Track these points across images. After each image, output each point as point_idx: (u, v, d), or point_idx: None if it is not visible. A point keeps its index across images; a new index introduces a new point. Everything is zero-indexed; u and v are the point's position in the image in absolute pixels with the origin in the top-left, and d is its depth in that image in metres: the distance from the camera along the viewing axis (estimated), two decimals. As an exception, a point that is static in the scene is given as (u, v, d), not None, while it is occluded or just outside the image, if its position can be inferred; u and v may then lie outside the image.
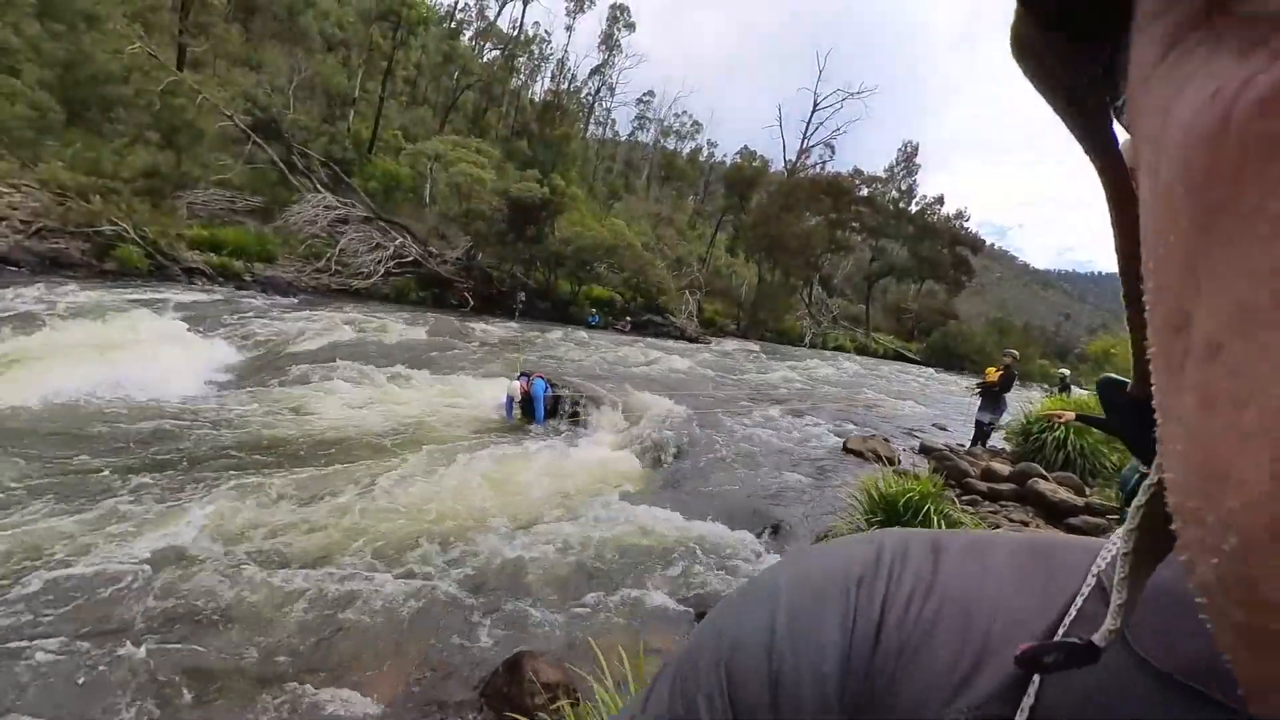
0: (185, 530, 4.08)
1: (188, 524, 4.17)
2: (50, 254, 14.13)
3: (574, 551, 4.59)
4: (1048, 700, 0.28)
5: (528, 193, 22.65)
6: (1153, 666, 0.26)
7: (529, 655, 3.25)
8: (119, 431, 5.69)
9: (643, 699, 0.39)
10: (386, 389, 8.85)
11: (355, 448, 6.18)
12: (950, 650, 0.31)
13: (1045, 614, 0.31)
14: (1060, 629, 0.30)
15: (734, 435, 8.73)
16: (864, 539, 0.39)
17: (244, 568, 3.75)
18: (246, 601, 3.46)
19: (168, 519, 4.21)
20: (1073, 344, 61.14)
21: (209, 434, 5.98)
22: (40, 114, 16.04)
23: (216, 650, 3.06)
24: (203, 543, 3.98)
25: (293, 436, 6.24)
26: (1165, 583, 0.26)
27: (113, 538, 3.89)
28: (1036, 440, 8.77)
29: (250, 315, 12.34)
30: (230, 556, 3.87)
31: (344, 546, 4.19)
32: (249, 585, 3.58)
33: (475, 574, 4.13)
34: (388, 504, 4.95)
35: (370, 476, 5.44)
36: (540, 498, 5.53)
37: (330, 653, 3.20)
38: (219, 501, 4.55)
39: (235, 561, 3.82)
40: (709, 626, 0.39)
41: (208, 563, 3.75)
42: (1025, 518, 6.48)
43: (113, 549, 3.75)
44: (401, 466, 5.76)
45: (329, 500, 4.87)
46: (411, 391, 9.01)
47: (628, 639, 3.61)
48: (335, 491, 5.05)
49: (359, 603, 3.60)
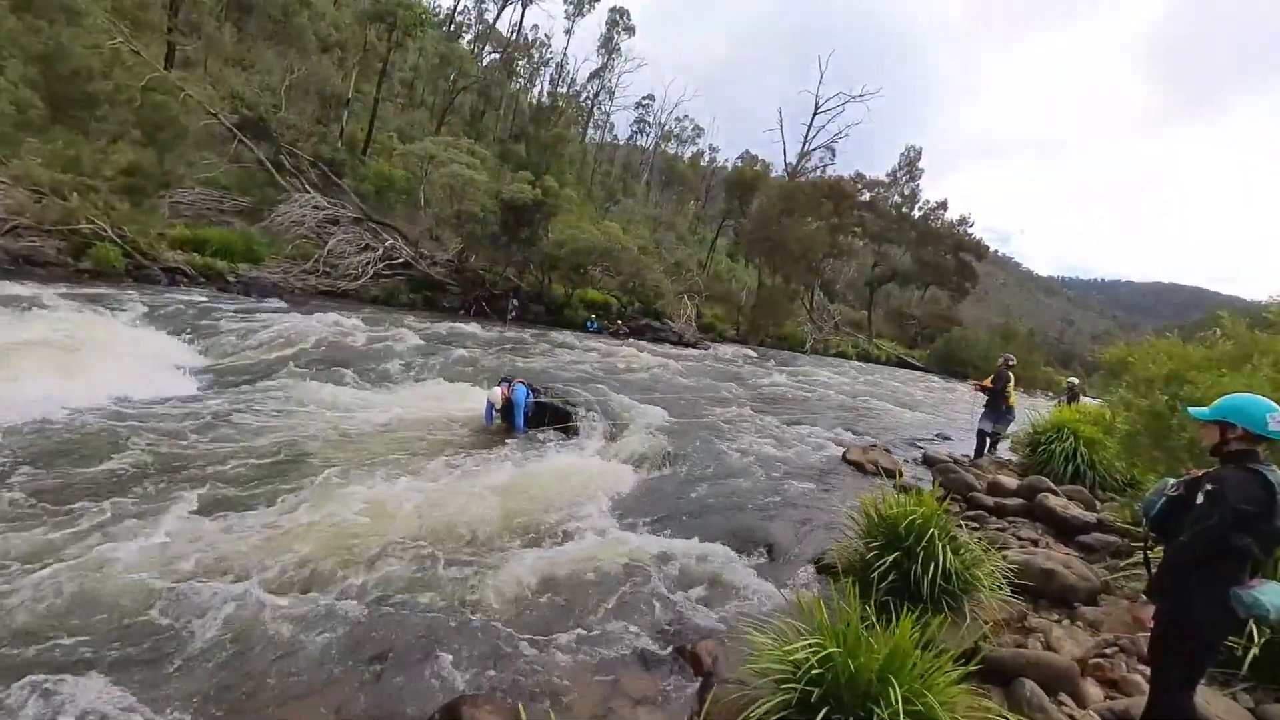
0: (119, 547, 3.63)
1: (121, 540, 3.71)
2: (24, 252, 13.71)
3: (541, 575, 4.09)
4: None
5: (520, 194, 22.25)
6: None
7: (470, 700, 2.78)
8: (69, 441, 5.22)
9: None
10: (363, 394, 8.44)
11: (314, 456, 5.69)
12: None
13: None
14: None
15: (729, 445, 8.26)
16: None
17: (163, 586, 3.28)
18: (152, 627, 2.99)
19: (107, 534, 3.75)
20: (1077, 351, 60.66)
21: (159, 443, 5.49)
22: (20, 110, 15.64)
23: (115, 680, 2.57)
24: (130, 557, 3.51)
25: (248, 446, 5.76)
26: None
27: (57, 553, 3.45)
28: (1044, 452, 8.35)
29: (229, 317, 11.89)
30: (158, 573, 3.41)
31: (268, 565, 3.69)
32: (161, 608, 3.11)
33: (425, 601, 3.63)
34: (335, 517, 4.42)
35: (324, 487, 4.95)
36: (509, 512, 5.03)
37: (240, 687, 2.73)
38: (156, 514, 4.08)
39: (160, 579, 3.35)
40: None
41: (125, 576, 3.27)
42: (1034, 535, 6.05)
43: (54, 564, 3.31)
44: (361, 477, 5.26)
45: (258, 513, 4.39)
46: (389, 396, 8.59)
47: (597, 681, 3.14)
48: (270, 505, 4.56)
49: (277, 630, 3.11)
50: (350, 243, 20.48)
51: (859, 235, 45.00)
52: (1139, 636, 3.52)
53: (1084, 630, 3.97)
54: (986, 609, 3.82)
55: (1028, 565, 4.51)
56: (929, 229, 46.14)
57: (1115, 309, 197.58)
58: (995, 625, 3.77)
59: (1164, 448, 5.76)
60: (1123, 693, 3.21)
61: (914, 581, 3.68)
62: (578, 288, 25.70)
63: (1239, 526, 2.30)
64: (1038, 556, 4.80)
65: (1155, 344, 7.00)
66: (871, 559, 3.90)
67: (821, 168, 49.38)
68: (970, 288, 47.68)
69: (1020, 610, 4.09)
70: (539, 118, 40.40)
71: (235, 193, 20.99)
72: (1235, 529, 2.30)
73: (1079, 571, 4.61)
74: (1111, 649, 3.60)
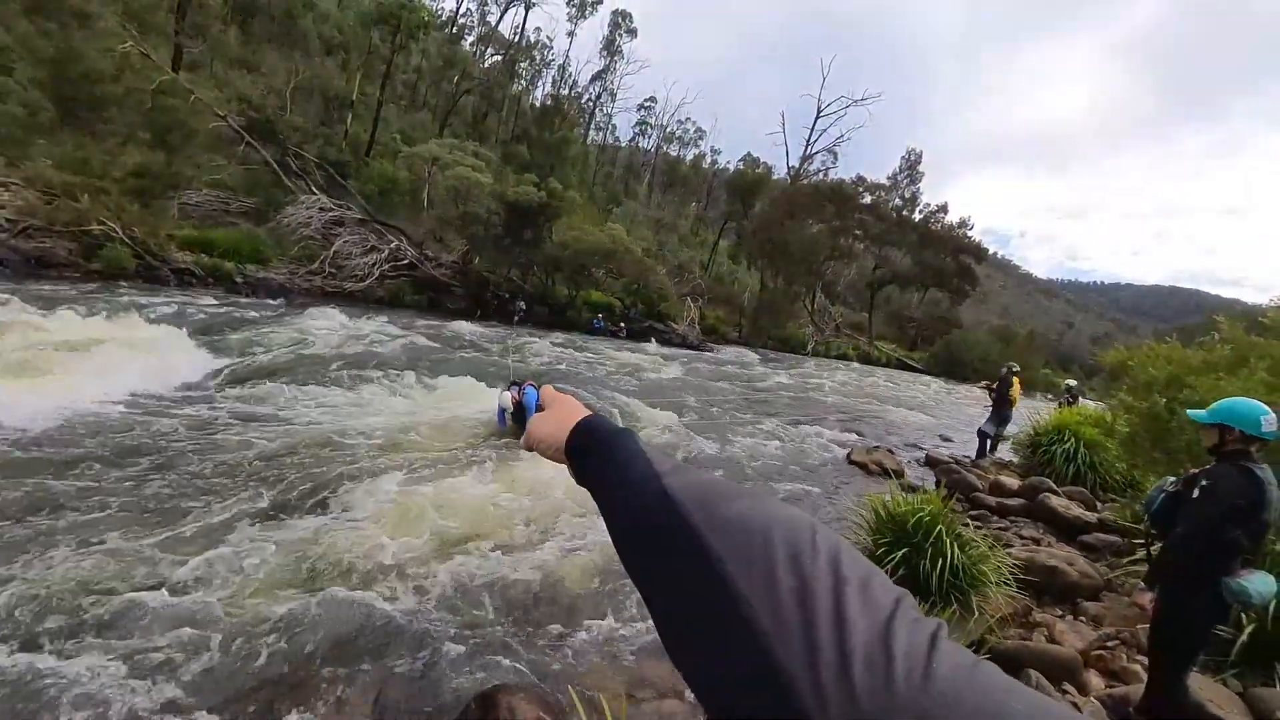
0: (136, 548, 3.74)
1: (137, 541, 3.83)
2: (36, 253, 13.84)
3: (559, 574, 4.23)
4: None
5: (524, 196, 22.38)
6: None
7: (505, 689, 2.91)
8: (84, 443, 5.35)
9: None
10: (371, 396, 8.53)
11: (330, 459, 5.82)
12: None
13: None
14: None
15: (733, 446, 8.39)
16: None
17: (187, 589, 3.41)
18: (186, 627, 3.11)
19: (119, 536, 3.87)
20: (1076, 353, 60.83)
21: (171, 444, 5.63)
22: (31, 112, 15.79)
23: (154, 681, 2.71)
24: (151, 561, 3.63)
25: (262, 447, 5.89)
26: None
27: (81, 559, 3.55)
28: (1045, 453, 8.49)
29: (239, 318, 12.03)
30: (179, 578, 3.53)
31: (301, 567, 3.84)
32: (188, 610, 3.24)
33: (448, 598, 3.77)
34: (356, 519, 4.59)
35: (343, 489, 5.09)
36: (524, 514, 5.17)
37: (281, 684, 2.85)
38: (172, 519, 4.21)
39: (181, 582, 3.48)
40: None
41: (152, 582, 3.41)
42: (1036, 534, 6.18)
43: (83, 571, 3.42)
44: (377, 478, 5.40)
45: (292, 517, 4.52)
46: (397, 399, 8.69)
47: (616, 673, 3.28)
48: (301, 507, 4.70)
49: (315, 628, 3.25)
50: (356, 244, 20.59)
51: (860, 238, 45.10)
52: (1139, 630, 3.66)
53: (1086, 624, 4.10)
54: (993, 604, 3.96)
55: (1031, 562, 4.65)
56: (929, 232, 46.23)
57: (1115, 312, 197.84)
58: (1001, 619, 3.91)
59: (1164, 449, 5.89)
60: (1123, 682, 3.34)
61: (922, 576, 3.82)
62: (581, 289, 25.84)
63: (1230, 519, 2.51)
64: (1041, 554, 4.94)
65: (1155, 348, 7.12)
66: (880, 554, 4.04)
67: (824, 171, 49.67)
68: (970, 290, 47.73)
69: (1025, 605, 4.22)
70: (543, 119, 40.55)
71: (242, 194, 21.12)
72: (1227, 522, 2.51)
73: (1081, 569, 4.74)
74: (1113, 642, 3.74)
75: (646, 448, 0.57)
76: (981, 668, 0.34)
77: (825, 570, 0.39)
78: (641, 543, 0.49)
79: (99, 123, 17.08)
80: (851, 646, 0.34)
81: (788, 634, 0.36)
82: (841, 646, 0.34)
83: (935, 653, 0.34)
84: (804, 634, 0.36)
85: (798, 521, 0.44)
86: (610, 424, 0.65)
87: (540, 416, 0.73)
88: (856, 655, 0.34)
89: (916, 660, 0.34)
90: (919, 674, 0.33)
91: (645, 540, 0.48)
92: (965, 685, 0.33)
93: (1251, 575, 2.53)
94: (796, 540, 0.41)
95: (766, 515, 0.44)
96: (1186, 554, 2.62)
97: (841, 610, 0.36)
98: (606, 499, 0.56)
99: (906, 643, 0.35)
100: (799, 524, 0.43)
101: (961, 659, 0.35)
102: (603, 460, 0.59)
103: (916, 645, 0.35)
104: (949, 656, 0.34)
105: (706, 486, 0.49)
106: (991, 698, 0.32)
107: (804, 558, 0.40)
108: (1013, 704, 0.32)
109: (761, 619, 0.37)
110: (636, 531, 0.50)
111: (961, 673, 0.33)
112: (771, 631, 0.36)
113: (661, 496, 0.48)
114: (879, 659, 0.34)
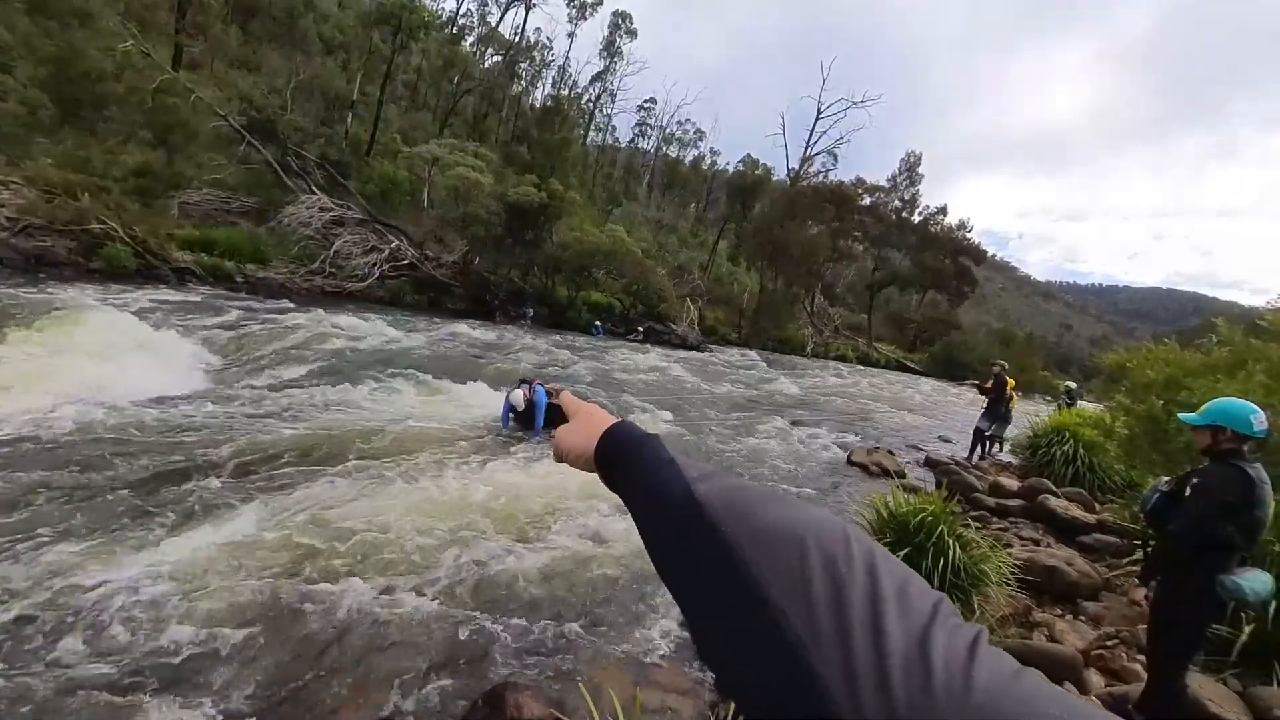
0: (141, 547, 3.76)
1: (141, 539, 3.85)
2: (36, 252, 13.83)
3: (564, 572, 4.26)
4: None
5: (525, 197, 22.40)
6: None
7: (512, 686, 2.93)
8: (83, 444, 5.37)
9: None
10: (373, 395, 8.55)
11: (330, 458, 5.84)
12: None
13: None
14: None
15: (734, 446, 8.43)
16: None
17: (187, 588, 3.43)
18: (188, 625, 3.14)
19: (124, 539, 3.89)
20: (1074, 355, 60.95)
21: (174, 445, 5.65)
22: (31, 111, 15.79)
23: (160, 679, 2.73)
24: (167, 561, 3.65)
25: (262, 446, 5.91)
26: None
27: (84, 560, 3.57)
28: (1045, 454, 8.53)
29: (240, 317, 12.03)
30: (192, 575, 3.55)
31: (308, 563, 3.86)
32: (189, 609, 3.26)
33: (454, 595, 3.79)
34: (361, 516, 4.61)
35: (347, 487, 5.11)
36: (530, 512, 5.19)
37: (288, 680, 2.87)
38: (181, 517, 4.23)
39: (192, 580, 3.50)
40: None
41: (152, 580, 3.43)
42: (1036, 535, 6.22)
43: (89, 571, 3.44)
44: (380, 477, 5.43)
45: (298, 512, 4.54)
46: (399, 398, 8.71)
47: (623, 670, 3.30)
48: (305, 504, 4.72)
49: (320, 626, 3.27)
50: (356, 244, 20.58)
51: (859, 239, 45.18)
52: (1138, 629, 3.70)
53: (1086, 624, 4.14)
54: (994, 603, 3.99)
55: (1032, 562, 4.68)
56: (928, 234, 46.32)
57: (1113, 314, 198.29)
58: (1002, 618, 3.94)
59: (1162, 451, 5.92)
60: (1123, 681, 3.38)
61: (924, 576, 3.84)
62: (582, 290, 25.87)
63: (1223, 515, 2.57)
64: (1041, 554, 4.98)
65: (1153, 350, 7.15)
66: (882, 554, 4.06)
67: (824, 172, 49.74)
68: (969, 292, 47.84)
69: (1025, 605, 4.26)
70: (543, 120, 40.58)
71: (242, 194, 21.10)
72: (1220, 518, 2.57)
73: (1081, 569, 4.78)
74: (1113, 641, 3.78)
75: (676, 454, 0.58)
76: (1023, 676, 0.34)
77: (861, 576, 0.39)
78: (674, 549, 0.49)
79: (100, 121, 17.08)
80: (889, 656, 0.34)
81: (824, 643, 0.36)
82: (879, 656, 0.34)
83: (975, 661, 0.34)
84: (840, 643, 0.35)
85: (832, 526, 0.44)
86: (638, 430, 0.65)
87: (567, 428, 0.73)
88: (895, 665, 0.33)
89: (956, 669, 0.33)
90: (959, 684, 0.32)
91: (678, 547, 0.49)
92: (1005, 695, 0.32)
93: (1248, 573, 2.58)
94: (831, 546, 0.41)
95: (800, 521, 0.44)
96: (1182, 550, 2.67)
97: (879, 618, 0.36)
98: (638, 506, 0.57)
99: (945, 651, 0.34)
100: (833, 529, 0.43)
101: (1003, 666, 0.34)
102: (632, 468, 0.60)
103: (955, 653, 0.34)
104: (989, 664, 0.34)
105: (737, 492, 0.49)
106: (1033, 707, 0.31)
107: (839, 564, 0.40)
108: (1054, 712, 0.31)
109: (797, 628, 0.37)
110: (668, 538, 0.50)
111: (1002, 682, 0.33)
112: (808, 641, 0.36)
113: (692, 503, 0.48)
114: (917, 669, 0.33)
